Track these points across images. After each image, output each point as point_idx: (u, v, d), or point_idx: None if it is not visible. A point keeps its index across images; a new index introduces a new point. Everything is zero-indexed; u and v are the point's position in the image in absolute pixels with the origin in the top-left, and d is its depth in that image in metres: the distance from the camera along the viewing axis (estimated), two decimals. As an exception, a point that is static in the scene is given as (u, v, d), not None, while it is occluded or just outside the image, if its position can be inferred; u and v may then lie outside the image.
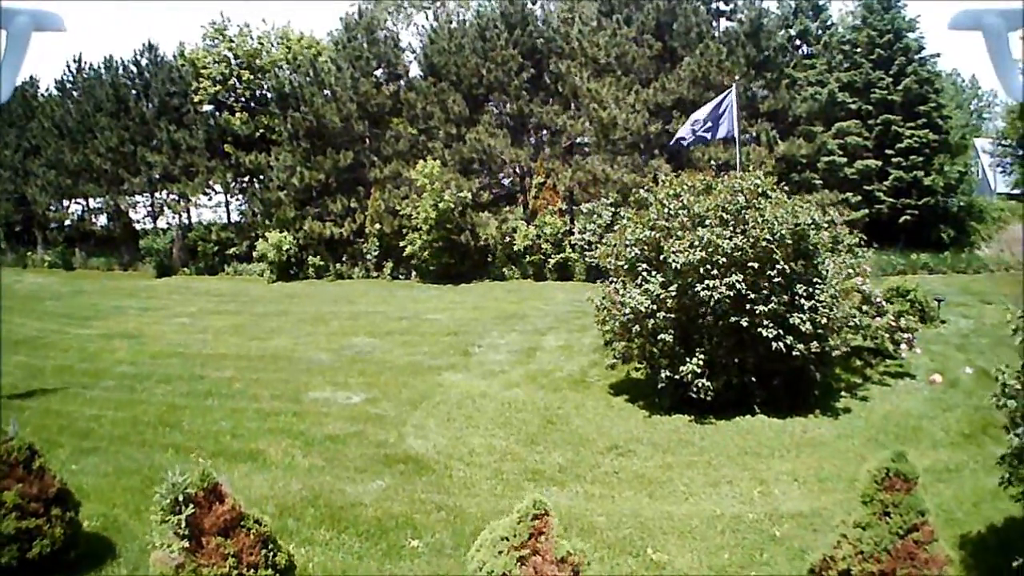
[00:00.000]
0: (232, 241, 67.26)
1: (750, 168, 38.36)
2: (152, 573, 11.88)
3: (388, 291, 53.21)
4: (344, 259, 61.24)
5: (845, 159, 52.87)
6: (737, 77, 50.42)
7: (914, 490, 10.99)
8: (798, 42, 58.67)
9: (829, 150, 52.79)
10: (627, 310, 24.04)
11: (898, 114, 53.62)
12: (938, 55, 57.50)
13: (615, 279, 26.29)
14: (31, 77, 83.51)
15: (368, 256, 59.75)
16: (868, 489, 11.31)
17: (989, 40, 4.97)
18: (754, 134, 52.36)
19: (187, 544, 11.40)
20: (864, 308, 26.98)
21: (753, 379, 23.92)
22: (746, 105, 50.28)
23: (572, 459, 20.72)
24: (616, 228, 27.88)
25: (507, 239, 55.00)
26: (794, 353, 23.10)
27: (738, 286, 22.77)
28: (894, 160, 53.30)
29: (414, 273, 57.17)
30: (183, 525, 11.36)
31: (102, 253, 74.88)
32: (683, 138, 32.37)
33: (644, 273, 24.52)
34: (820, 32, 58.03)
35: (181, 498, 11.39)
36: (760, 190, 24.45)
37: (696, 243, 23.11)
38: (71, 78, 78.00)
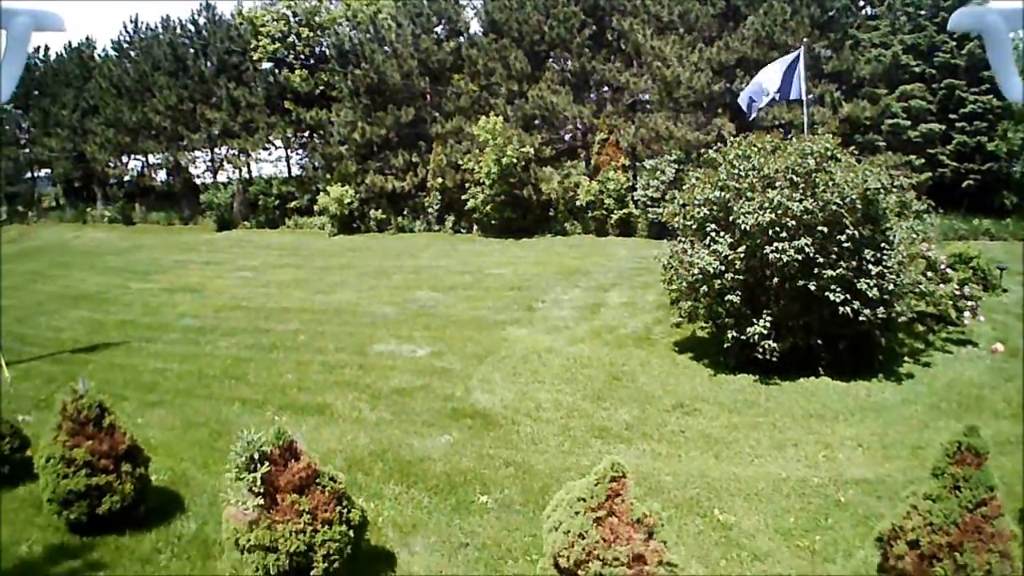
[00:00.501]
0: (293, 195, 67.40)
1: (816, 130, 37.89)
2: (225, 528, 11.74)
3: (450, 245, 53.22)
4: (405, 213, 61.23)
5: (909, 122, 52.05)
6: (804, 38, 49.88)
7: (984, 465, 10.77)
8: (861, 3, 57.78)
9: (893, 113, 51.96)
10: (696, 270, 23.78)
11: (962, 79, 52.58)
12: (1004, 19, 56.47)
13: (683, 238, 25.81)
14: (87, 38, 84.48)
15: (430, 210, 59.73)
16: (940, 462, 11.05)
17: (989, 40, 5.01)
18: (818, 95, 51.64)
19: (262, 501, 11.23)
20: (928, 274, 26.48)
21: (819, 341, 23.69)
22: (811, 66, 49.38)
23: (638, 416, 20.50)
24: (684, 187, 27.38)
25: (569, 194, 54.58)
26: (860, 318, 22.75)
27: (807, 249, 22.44)
28: (958, 125, 52.33)
29: (475, 227, 57.19)
30: (258, 482, 11.18)
31: (162, 208, 75.65)
32: (754, 101, 31.74)
33: (712, 234, 24.18)
34: (884, -8, 56.97)
35: (256, 456, 11.22)
36: (829, 153, 24.09)
37: (766, 205, 22.81)
38: (128, 38, 78.36)
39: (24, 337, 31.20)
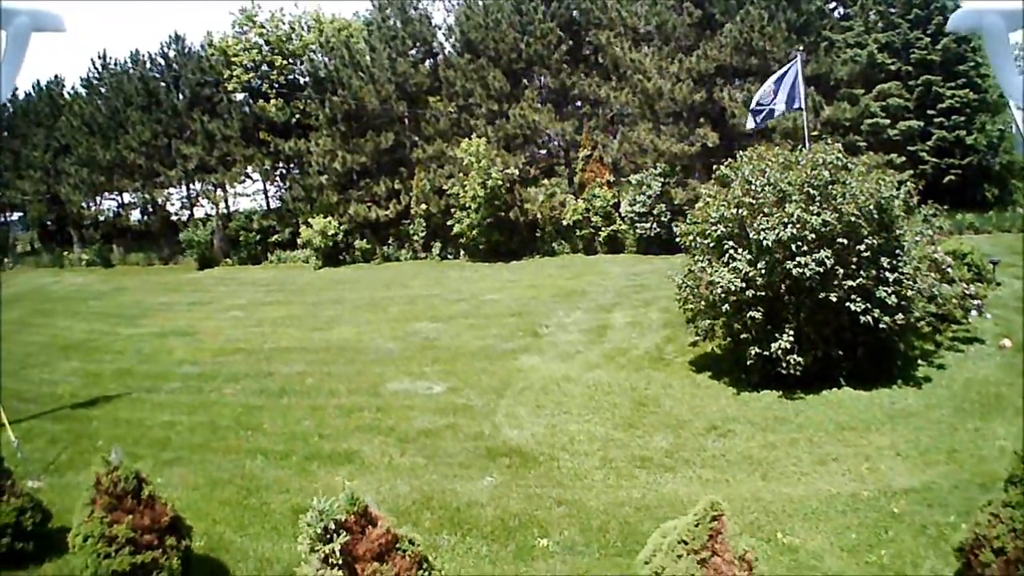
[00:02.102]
0: (274, 229, 66.81)
1: (802, 134, 37.73)
2: None
3: (439, 272, 52.61)
4: (390, 241, 60.76)
5: (888, 121, 52.13)
6: (781, 42, 49.71)
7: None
8: (833, 4, 57.81)
9: (872, 112, 52.12)
10: (718, 289, 23.51)
11: (938, 74, 52.90)
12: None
13: (699, 257, 25.30)
14: (56, 76, 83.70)
15: (415, 237, 59.25)
16: (1016, 470, 11.34)
17: (989, 40, 5.10)
18: (799, 100, 51.71)
19: (341, 573, 10.59)
20: (936, 276, 26.42)
21: (839, 352, 23.68)
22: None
23: (675, 443, 20.26)
24: (697, 205, 26.92)
25: (555, 213, 54.13)
26: (880, 326, 22.86)
27: (827, 262, 22.45)
28: (936, 120, 52.76)
29: (462, 252, 56.71)
30: (336, 554, 10.53)
31: (140, 248, 74.80)
32: (758, 113, 31.66)
33: (731, 251, 23.99)
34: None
35: (332, 525, 10.57)
36: (841, 163, 24.07)
37: (785, 220, 22.76)
38: (97, 75, 77.48)
39: (19, 393, 30.19)
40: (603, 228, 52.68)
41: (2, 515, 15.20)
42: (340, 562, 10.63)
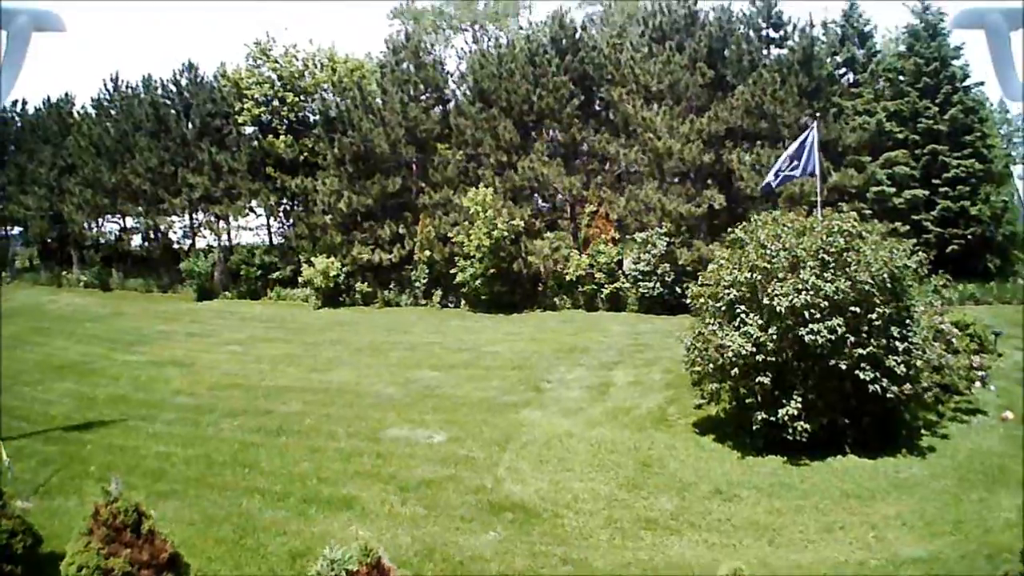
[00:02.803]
0: (275, 265, 66.30)
1: (803, 200, 37.79)
2: None
3: (440, 320, 52.22)
4: (392, 286, 60.31)
5: (893, 189, 52.11)
6: (792, 107, 49.75)
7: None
8: (843, 70, 57.80)
9: (878, 180, 52.03)
10: (729, 352, 23.37)
11: (944, 143, 52.90)
12: (982, 83, 56.56)
13: (710, 320, 25.16)
14: (66, 94, 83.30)
15: (417, 283, 58.81)
16: None
17: (991, 39, 5.02)
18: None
19: (353, 625, 10.37)
20: (942, 346, 26.58)
21: (845, 420, 23.69)
22: (799, 135, 49.40)
23: (680, 505, 20.32)
24: (710, 268, 26.88)
25: (558, 267, 53.85)
26: (888, 395, 22.95)
27: (839, 329, 22.49)
28: (941, 190, 52.70)
29: (464, 301, 56.26)
30: (349, 605, 10.33)
31: (139, 274, 74.15)
32: (770, 184, 31.80)
33: (742, 315, 23.99)
34: (866, 60, 57.07)
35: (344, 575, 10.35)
36: (856, 231, 24.21)
37: (799, 286, 22.85)
38: (108, 96, 77.31)
39: (10, 409, 30.21)
40: (606, 285, 52.36)
41: (-8, 537, 14.86)
42: (351, 613, 10.44)
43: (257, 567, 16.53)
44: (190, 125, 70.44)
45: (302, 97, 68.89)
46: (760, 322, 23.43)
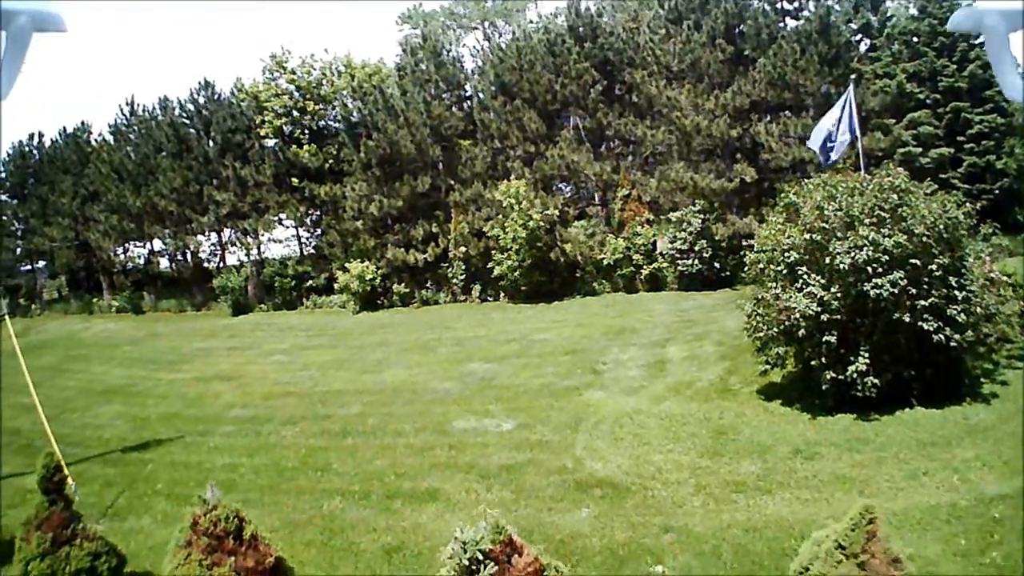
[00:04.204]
0: (308, 275, 66.28)
1: (837, 166, 37.68)
2: None
3: (482, 314, 51.99)
4: (428, 285, 60.38)
5: (920, 149, 52.04)
6: (814, 76, 49.45)
7: None
8: (859, 36, 57.88)
9: (903, 142, 52.05)
10: (795, 314, 23.38)
11: (965, 100, 53.33)
12: (998, 36, 56.40)
13: (771, 284, 24.95)
14: (82, 123, 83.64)
15: (454, 280, 58.71)
16: None
17: (989, 40, 4.98)
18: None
19: (490, 606, 9.99)
20: (995, 294, 26.81)
21: (911, 372, 23.82)
22: (823, 104, 49.23)
23: (764, 467, 20.26)
24: (763, 233, 26.82)
25: (594, 253, 53.58)
26: (951, 344, 23.10)
27: (900, 282, 22.59)
28: (966, 147, 53.19)
29: (502, 294, 56.15)
30: (485, 587, 9.94)
31: (171, 295, 74.11)
32: (828, 153, 31.46)
33: (804, 276, 23.98)
34: (881, 24, 57.32)
35: (479, 556, 9.95)
36: (904, 187, 24.38)
37: (859, 243, 22.92)
38: (126, 121, 77.30)
39: (63, 436, 29.45)
40: (644, 266, 52.17)
41: (76, 560, 14.53)
42: (488, 595, 10.08)
43: (353, 566, 16.27)
44: (211, 143, 70.63)
45: (322, 105, 68.94)
46: (822, 282, 23.49)
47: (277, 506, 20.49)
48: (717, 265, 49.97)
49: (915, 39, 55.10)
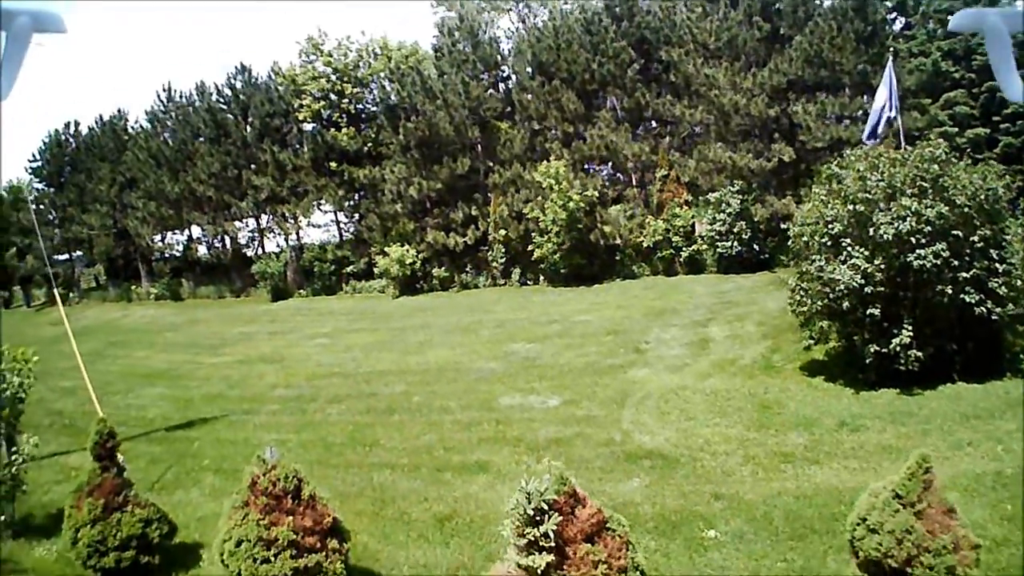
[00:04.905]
0: (348, 259, 66.49)
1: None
2: None
3: (522, 297, 52.13)
4: (468, 269, 60.37)
5: (956, 129, 51.67)
6: (850, 54, 49.27)
7: None
8: (894, 15, 58.09)
9: (939, 121, 51.68)
10: (841, 286, 23.49)
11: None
12: (1032, 8, 56.25)
13: (816, 257, 25.03)
14: (119, 110, 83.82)
15: (494, 264, 58.74)
16: None
17: (990, 41, 5.07)
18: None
19: (552, 558, 10.07)
20: None
21: (953, 346, 24.03)
22: (859, 82, 49.06)
23: (811, 439, 20.51)
24: (806, 206, 27.24)
25: (634, 235, 53.51)
26: (993, 317, 23.28)
27: (943, 253, 22.73)
28: (1002, 127, 52.76)
29: (542, 278, 56.09)
30: (550, 536, 10.02)
31: (210, 281, 74.50)
32: (875, 132, 31.55)
33: (848, 248, 24.03)
34: (916, 2, 57.08)
35: (544, 507, 10.03)
36: (945, 158, 24.47)
37: (902, 213, 23.02)
38: (163, 108, 77.59)
39: (107, 418, 29.91)
40: (684, 248, 52.10)
41: (127, 526, 14.61)
42: (552, 545, 10.14)
43: (405, 535, 16.36)
44: (249, 127, 71.01)
45: (360, 88, 68.93)
46: (866, 254, 23.57)
47: (326, 479, 20.53)
48: (756, 247, 49.79)
49: (949, 16, 54.75)
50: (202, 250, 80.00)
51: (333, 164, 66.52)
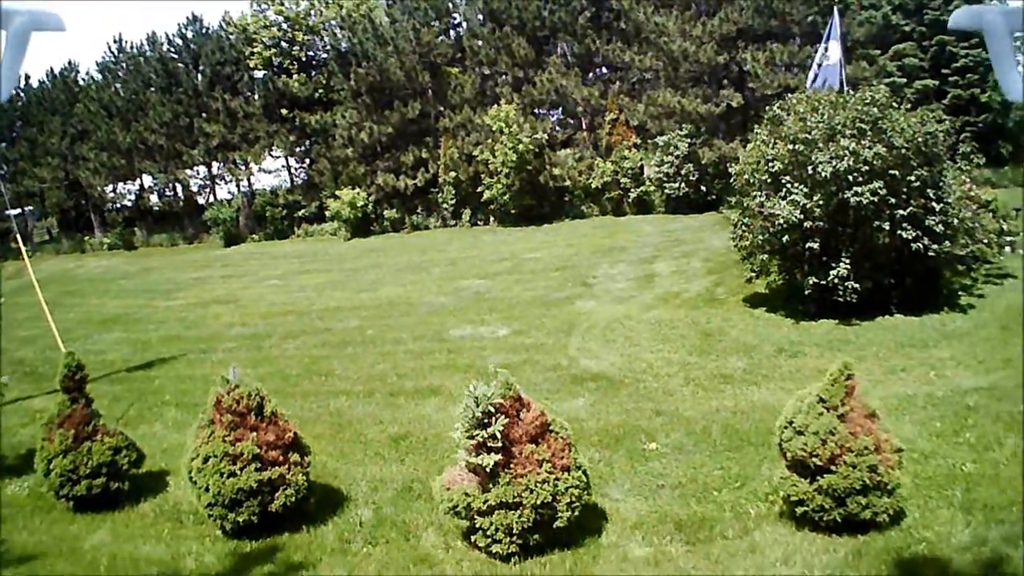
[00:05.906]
0: (299, 204, 66.77)
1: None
2: (444, 498, 11.60)
3: (472, 237, 52.90)
4: (419, 210, 60.98)
5: (904, 80, 52.50)
6: (800, 5, 49.87)
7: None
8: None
9: (888, 72, 52.42)
10: (780, 220, 24.10)
11: (951, 34, 52.92)
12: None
13: (757, 194, 25.75)
14: (69, 62, 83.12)
15: (444, 205, 59.39)
16: None
17: (990, 40, 5.00)
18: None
19: (499, 457, 10.77)
20: (974, 208, 27.40)
21: (891, 281, 24.93)
22: (809, 32, 49.66)
23: (750, 363, 21.14)
24: (749, 145, 27.91)
25: (583, 177, 54.14)
26: (929, 253, 23.97)
27: (880, 192, 23.32)
28: (951, 79, 54.01)
29: (492, 218, 56.83)
30: (498, 437, 10.71)
31: (162, 230, 74.32)
32: (816, 81, 32.53)
33: (788, 185, 24.66)
34: (867, -46, 57.10)
35: (491, 409, 10.73)
36: (887, 102, 24.98)
37: (841, 153, 23.52)
38: (114, 59, 77.17)
39: (70, 359, 30.27)
40: (632, 190, 52.81)
41: (97, 454, 14.95)
42: (500, 446, 10.80)
43: (363, 453, 16.87)
44: (200, 76, 70.90)
45: (311, 36, 69.04)
46: (805, 190, 24.13)
47: (286, 407, 20.29)
48: (703, 189, 50.62)
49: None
50: (154, 199, 79.96)
51: (284, 111, 66.68)
